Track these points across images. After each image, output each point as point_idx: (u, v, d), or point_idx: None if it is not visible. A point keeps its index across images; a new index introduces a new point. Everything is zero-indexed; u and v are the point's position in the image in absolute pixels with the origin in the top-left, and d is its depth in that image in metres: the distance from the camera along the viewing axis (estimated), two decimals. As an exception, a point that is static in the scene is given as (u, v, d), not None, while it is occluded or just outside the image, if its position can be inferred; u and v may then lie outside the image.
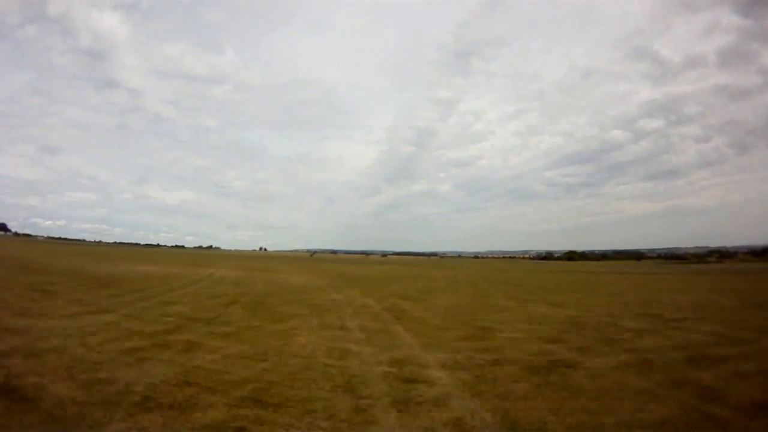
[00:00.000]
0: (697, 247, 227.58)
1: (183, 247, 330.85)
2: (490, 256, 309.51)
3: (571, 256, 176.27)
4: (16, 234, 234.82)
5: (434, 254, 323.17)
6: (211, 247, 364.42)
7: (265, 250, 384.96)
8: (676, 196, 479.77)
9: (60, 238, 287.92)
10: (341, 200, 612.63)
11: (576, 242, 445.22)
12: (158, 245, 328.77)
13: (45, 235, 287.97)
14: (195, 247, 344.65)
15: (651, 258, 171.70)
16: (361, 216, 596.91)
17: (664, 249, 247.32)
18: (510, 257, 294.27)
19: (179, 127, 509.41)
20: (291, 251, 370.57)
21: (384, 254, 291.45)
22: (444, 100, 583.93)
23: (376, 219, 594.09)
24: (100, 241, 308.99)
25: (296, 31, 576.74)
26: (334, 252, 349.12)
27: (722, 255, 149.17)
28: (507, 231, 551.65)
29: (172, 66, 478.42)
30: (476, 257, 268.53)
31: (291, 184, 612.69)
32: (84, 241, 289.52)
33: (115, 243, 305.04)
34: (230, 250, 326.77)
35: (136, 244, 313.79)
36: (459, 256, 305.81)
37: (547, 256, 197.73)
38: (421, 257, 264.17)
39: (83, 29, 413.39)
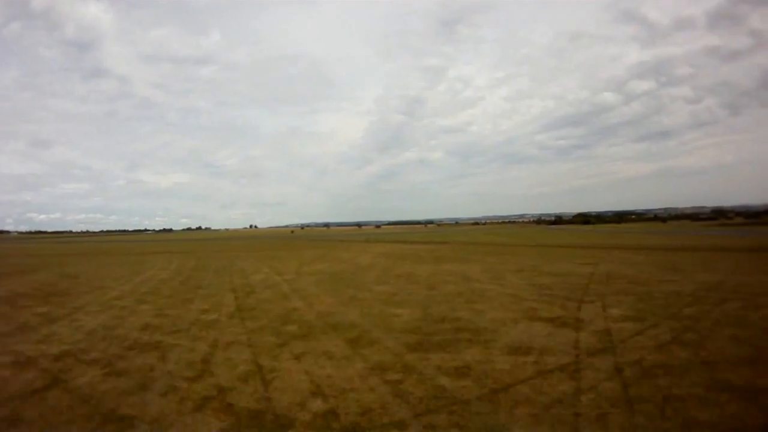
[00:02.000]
0: (693, 207, 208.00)
1: (171, 230, 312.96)
2: (488, 221, 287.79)
3: (586, 219, 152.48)
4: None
5: (430, 222, 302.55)
6: (200, 228, 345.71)
7: (256, 227, 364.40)
8: (669, 157, 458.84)
9: (39, 232, 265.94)
10: (334, 173, 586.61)
11: (571, 204, 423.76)
12: (145, 230, 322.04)
13: (22, 231, 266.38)
14: (184, 230, 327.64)
15: (664, 219, 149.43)
16: (355, 187, 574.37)
17: (659, 209, 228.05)
18: (509, 221, 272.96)
19: (169, 110, 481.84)
20: (284, 227, 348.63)
21: (378, 225, 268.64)
22: (432, 68, 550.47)
23: (369, 189, 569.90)
24: (87, 231, 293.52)
25: (282, 7, 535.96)
26: (327, 225, 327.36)
27: (742, 215, 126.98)
28: (501, 196, 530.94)
29: (159, 50, 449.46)
30: (476, 223, 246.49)
31: (283, 159, 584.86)
32: (70, 232, 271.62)
33: (101, 232, 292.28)
34: (219, 230, 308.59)
35: (125, 231, 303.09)
36: (456, 223, 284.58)
37: (558, 220, 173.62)
38: (418, 225, 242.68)
39: (68, 21, 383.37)
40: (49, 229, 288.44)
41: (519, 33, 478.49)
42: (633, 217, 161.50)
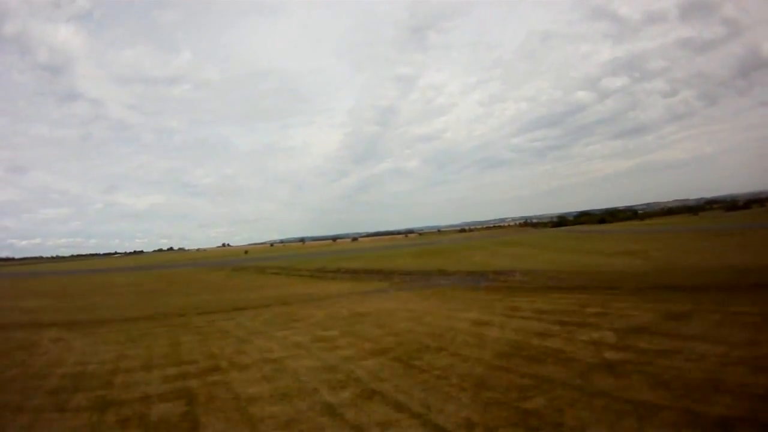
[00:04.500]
0: (675, 201, 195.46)
1: (142, 252, 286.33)
2: (471, 228, 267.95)
3: (600, 218, 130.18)
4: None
5: (411, 231, 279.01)
6: (171, 249, 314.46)
7: (229, 245, 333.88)
8: (647, 152, 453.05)
9: (7, 259, 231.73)
10: (310, 187, 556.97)
11: (550, 206, 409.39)
12: (115, 253, 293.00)
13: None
14: (156, 251, 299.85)
15: (695, 211, 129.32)
16: (331, 200, 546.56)
17: (641, 205, 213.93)
18: (494, 227, 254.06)
19: (143, 131, 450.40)
20: (260, 244, 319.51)
21: (355, 237, 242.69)
22: (404, 76, 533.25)
23: (346, 202, 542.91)
24: (56, 256, 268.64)
25: (251, 22, 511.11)
26: (302, 240, 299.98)
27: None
28: (480, 201, 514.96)
29: (131, 71, 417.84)
30: (462, 231, 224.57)
31: (259, 175, 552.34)
32: (40, 258, 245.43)
33: (71, 256, 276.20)
34: (190, 250, 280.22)
35: (96, 255, 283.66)
36: (439, 231, 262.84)
37: (561, 222, 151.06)
38: (398, 236, 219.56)
39: (40, 45, 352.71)
40: (32, 255, 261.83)
41: (489, 37, 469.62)
42: (641, 213, 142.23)
